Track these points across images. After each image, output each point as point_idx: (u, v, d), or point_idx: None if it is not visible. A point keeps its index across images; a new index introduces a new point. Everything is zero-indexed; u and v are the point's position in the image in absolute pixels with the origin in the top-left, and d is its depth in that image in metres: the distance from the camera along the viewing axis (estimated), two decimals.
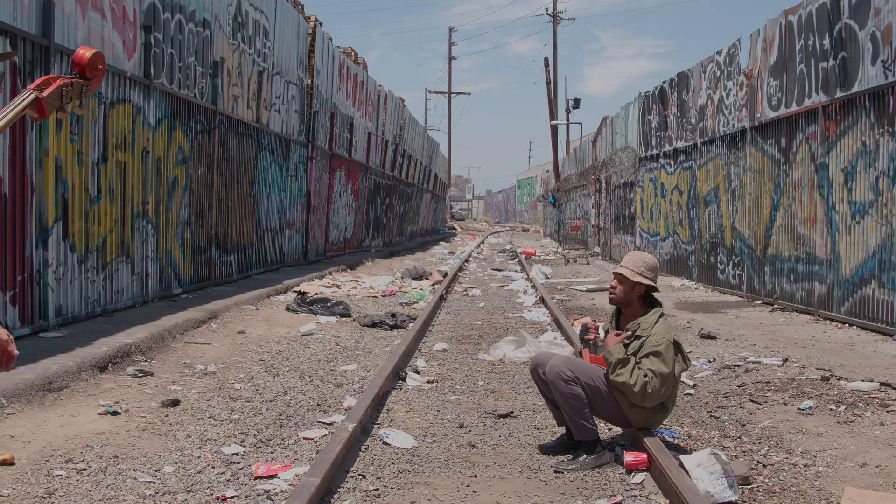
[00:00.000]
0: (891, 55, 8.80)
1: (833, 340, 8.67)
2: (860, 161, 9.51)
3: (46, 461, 4.50)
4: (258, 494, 4.14)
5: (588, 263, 23.13)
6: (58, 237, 7.76)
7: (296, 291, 12.58)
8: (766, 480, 4.49)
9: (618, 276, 4.90)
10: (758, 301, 12.35)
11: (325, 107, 18.95)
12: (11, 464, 4.41)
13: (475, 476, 4.58)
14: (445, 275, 16.85)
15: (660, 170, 18.43)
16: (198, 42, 11.23)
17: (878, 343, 8.39)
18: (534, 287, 15.02)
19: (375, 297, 13.12)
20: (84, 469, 4.40)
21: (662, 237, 18.28)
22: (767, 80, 12.21)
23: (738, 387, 6.53)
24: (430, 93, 67.24)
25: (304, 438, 5.15)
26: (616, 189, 23.81)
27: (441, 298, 12.91)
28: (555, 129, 40.62)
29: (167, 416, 5.54)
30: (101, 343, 7.19)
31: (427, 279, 16.37)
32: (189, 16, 10.86)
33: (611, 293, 4.97)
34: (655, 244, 18.76)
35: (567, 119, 41.88)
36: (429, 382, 6.93)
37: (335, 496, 4.17)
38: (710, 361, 7.63)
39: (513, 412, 5.95)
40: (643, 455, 4.63)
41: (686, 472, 4.21)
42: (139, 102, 9.46)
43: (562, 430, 5.13)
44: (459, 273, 18.78)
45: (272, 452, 4.83)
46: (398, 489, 4.35)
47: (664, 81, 18.06)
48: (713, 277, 14.69)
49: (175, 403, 5.82)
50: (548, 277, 17.95)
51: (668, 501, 4.15)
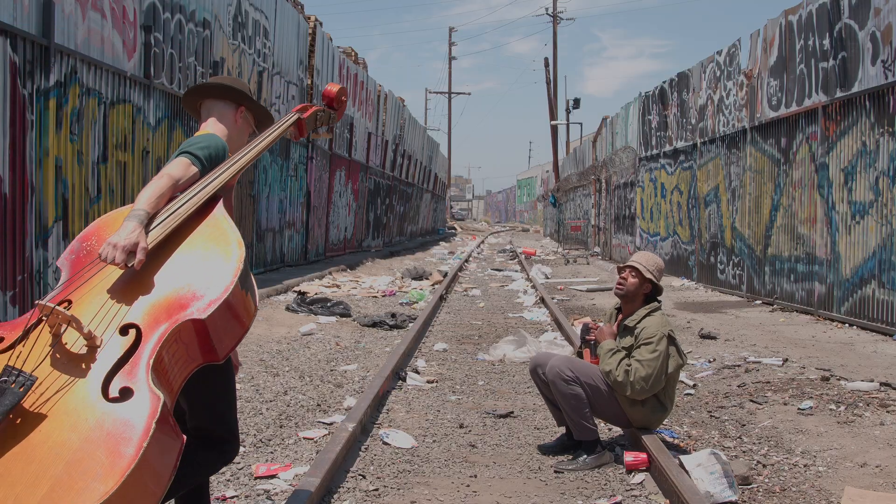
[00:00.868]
0: (891, 55, 8.80)
1: (833, 340, 8.67)
2: (860, 161, 9.51)
3: None
4: (258, 494, 4.14)
5: (588, 263, 23.14)
6: (58, 237, 7.76)
7: (296, 291, 12.58)
8: (766, 480, 4.49)
9: (632, 270, 4.93)
10: (758, 301, 12.35)
11: None
12: None
13: (475, 476, 4.58)
14: (445, 275, 16.85)
15: (660, 170, 18.43)
16: (198, 42, 11.24)
17: (878, 343, 8.39)
18: (534, 287, 15.02)
19: (375, 297, 13.11)
20: None
21: (662, 237, 18.29)
22: (767, 80, 12.21)
23: (738, 387, 6.53)
24: (430, 93, 67.27)
25: (304, 438, 5.15)
26: (616, 189, 23.81)
27: (441, 298, 12.91)
28: (555, 129, 40.61)
29: None
30: None
31: (427, 279, 16.38)
32: (189, 16, 10.86)
33: (620, 284, 4.97)
34: (655, 244, 18.76)
35: (567, 119, 41.87)
36: (429, 382, 6.93)
37: (335, 496, 4.17)
38: (710, 361, 7.63)
39: (513, 412, 5.95)
40: (643, 455, 4.63)
41: (686, 472, 4.21)
42: (139, 102, 9.46)
43: (562, 430, 5.14)
44: (459, 273, 18.78)
45: (272, 452, 4.83)
46: (398, 489, 4.35)
47: (664, 81, 18.06)
48: (713, 277, 14.69)
49: None
50: (548, 277, 17.95)
51: (668, 501, 4.15)
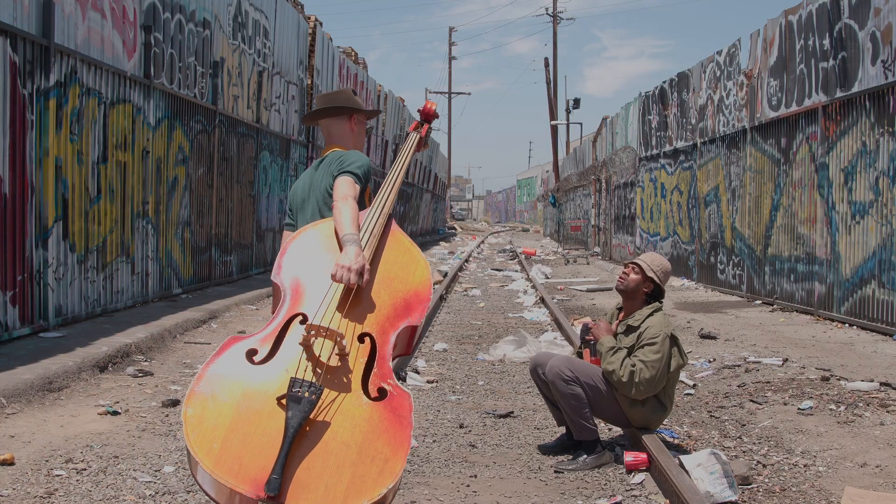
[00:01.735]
0: (891, 55, 8.80)
1: (833, 340, 8.67)
2: (860, 161, 9.51)
3: (46, 461, 4.50)
4: None
5: (588, 263, 23.14)
6: (58, 237, 7.76)
7: None
8: (766, 480, 4.49)
9: (635, 266, 4.95)
10: (758, 301, 12.35)
11: None
12: (11, 464, 4.41)
13: (475, 476, 4.58)
14: (445, 275, 16.85)
15: (660, 170, 18.43)
16: (198, 42, 11.24)
17: (878, 343, 8.39)
18: (534, 287, 15.02)
19: None
20: (84, 469, 4.40)
21: (662, 237, 18.28)
22: (767, 80, 12.21)
23: (738, 387, 6.53)
24: (430, 93, 67.17)
25: None
26: (616, 189, 23.81)
27: (441, 298, 12.91)
28: (555, 129, 40.60)
29: (167, 416, 5.54)
30: (101, 343, 7.19)
31: None
32: (189, 16, 10.86)
33: (622, 279, 4.98)
34: (655, 244, 18.76)
35: (567, 119, 41.86)
36: (429, 382, 6.92)
37: None
38: (710, 361, 7.63)
39: (513, 412, 5.95)
40: (643, 455, 4.63)
41: (686, 472, 4.21)
42: (139, 102, 9.46)
43: (562, 430, 5.14)
44: (459, 273, 18.78)
45: None
46: (398, 489, 4.34)
47: (664, 81, 18.06)
48: (713, 277, 14.69)
49: (175, 403, 5.82)
50: (548, 277, 17.95)
51: (668, 501, 4.15)
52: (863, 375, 6.70)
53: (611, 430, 5.45)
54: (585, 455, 4.76)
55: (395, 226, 3.34)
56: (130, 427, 5.26)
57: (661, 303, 5.01)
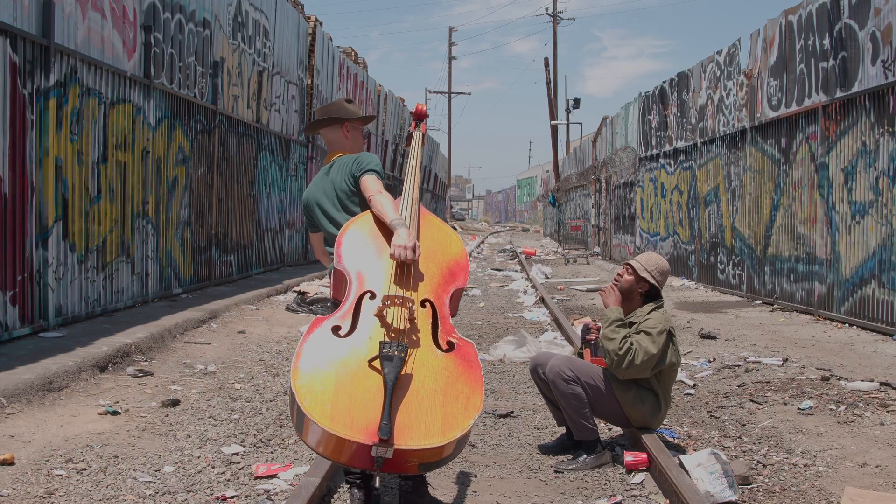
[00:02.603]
0: (891, 55, 8.80)
1: (833, 340, 8.67)
2: (860, 161, 9.51)
3: (46, 461, 4.50)
4: (258, 494, 4.14)
5: (588, 263, 23.13)
6: (58, 237, 7.76)
7: (296, 291, 12.57)
8: (766, 480, 4.49)
9: (628, 267, 4.99)
10: (758, 301, 12.35)
11: None
12: (11, 464, 4.41)
13: (475, 476, 4.58)
14: None
15: (660, 170, 18.43)
16: (198, 42, 11.24)
17: (878, 343, 8.39)
18: (534, 287, 15.02)
19: None
20: (84, 469, 4.40)
21: (662, 237, 18.28)
22: (767, 80, 12.21)
23: (738, 387, 6.53)
24: (430, 93, 67.20)
25: None
26: (616, 189, 23.81)
27: None
28: (555, 129, 40.59)
29: (167, 416, 5.54)
30: (101, 343, 7.19)
31: None
32: (189, 16, 10.86)
33: (616, 280, 5.00)
34: (655, 244, 18.76)
35: (567, 119, 41.86)
36: None
37: (335, 496, 4.16)
38: (710, 361, 7.63)
39: (513, 412, 5.95)
40: (643, 455, 4.63)
41: (686, 472, 4.21)
42: (139, 102, 9.46)
43: (562, 430, 5.14)
44: None
45: (272, 452, 4.83)
46: (398, 489, 4.34)
47: (664, 81, 18.06)
48: (713, 277, 14.69)
49: (175, 403, 5.82)
50: (548, 277, 17.95)
51: (668, 501, 4.15)
52: (863, 375, 6.70)
53: (611, 430, 5.45)
54: (585, 455, 4.76)
55: (425, 209, 3.87)
56: (130, 427, 5.26)
57: (661, 301, 5.00)
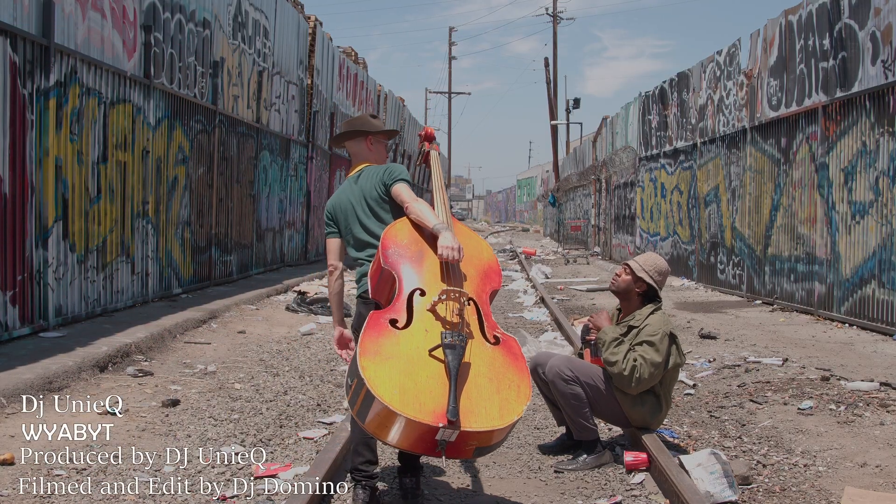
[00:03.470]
0: (891, 55, 8.80)
1: (833, 340, 8.67)
2: (860, 161, 9.51)
3: (46, 461, 4.50)
4: (258, 494, 4.14)
5: (588, 263, 23.13)
6: (58, 237, 7.76)
7: (296, 291, 12.57)
8: (766, 480, 4.49)
9: (626, 267, 5.00)
10: (758, 301, 12.35)
11: (325, 107, 18.95)
12: (11, 464, 4.41)
13: (475, 476, 4.58)
14: None
15: (660, 170, 18.43)
16: (198, 42, 11.24)
17: (878, 343, 8.39)
18: (534, 287, 15.01)
19: None
20: (84, 469, 4.40)
21: (662, 237, 18.28)
22: (767, 80, 12.21)
23: (738, 387, 6.53)
24: (430, 93, 67.23)
25: (304, 438, 5.15)
26: (616, 189, 23.80)
27: None
28: (555, 129, 40.57)
29: (167, 416, 5.54)
30: (101, 343, 7.19)
31: None
32: (189, 16, 10.86)
33: (613, 280, 5.03)
34: (655, 244, 18.76)
35: (567, 119, 41.82)
36: None
37: (335, 496, 4.16)
38: (710, 361, 7.63)
39: None
40: (643, 455, 4.63)
41: (686, 472, 4.21)
42: (139, 102, 9.46)
43: (562, 430, 5.14)
44: None
45: (272, 452, 4.83)
46: (398, 488, 4.34)
47: (664, 81, 18.05)
48: (713, 277, 14.69)
49: (175, 403, 5.82)
50: (548, 277, 17.95)
51: (668, 501, 4.15)
52: (863, 375, 6.70)
53: (611, 430, 5.45)
54: (585, 455, 4.76)
55: (455, 219, 4.11)
56: (130, 427, 5.26)
57: (660, 302, 5.00)
